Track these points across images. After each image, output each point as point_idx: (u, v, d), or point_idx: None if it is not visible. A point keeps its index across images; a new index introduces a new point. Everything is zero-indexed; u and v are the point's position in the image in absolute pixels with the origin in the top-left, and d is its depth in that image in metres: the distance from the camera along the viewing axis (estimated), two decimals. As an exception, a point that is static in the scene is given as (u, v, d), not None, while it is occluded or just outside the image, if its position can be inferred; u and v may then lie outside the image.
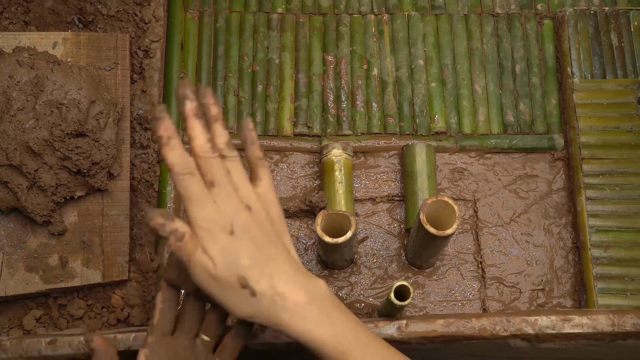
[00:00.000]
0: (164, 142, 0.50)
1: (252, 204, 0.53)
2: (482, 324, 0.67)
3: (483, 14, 0.94)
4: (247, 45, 0.91)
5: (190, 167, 0.50)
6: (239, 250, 0.51)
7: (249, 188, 0.53)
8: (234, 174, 0.53)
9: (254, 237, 0.52)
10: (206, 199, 0.50)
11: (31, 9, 0.89)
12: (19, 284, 0.77)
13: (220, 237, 0.50)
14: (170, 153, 0.50)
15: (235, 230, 0.51)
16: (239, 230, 0.51)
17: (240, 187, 0.53)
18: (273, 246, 0.53)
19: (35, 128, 0.74)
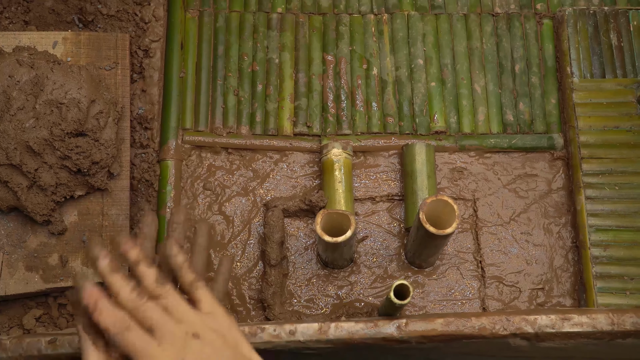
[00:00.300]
0: (91, 309, 0.50)
1: (199, 330, 0.52)
2: (481, 323, 0.67)
3: (482, 13, 0.94)
4: (247, 45, 0.92)
5: (125, 322, 0.50)
6: None
7: (191, 315, 0.53)
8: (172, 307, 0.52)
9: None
10: (150, 346, 0.50)
11: (31, 9, 0.89)
12: (19, 284, 0.77)
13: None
14: (101, 317, 0.50)
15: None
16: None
17: (183, 318, 0.52)
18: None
19: (35, 127, 0.74)
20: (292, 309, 0.82)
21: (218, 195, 0.86)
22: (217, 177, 0.87)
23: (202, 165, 0.87)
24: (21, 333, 0.78)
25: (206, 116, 0.89)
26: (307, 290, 0.83)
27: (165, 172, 0.85)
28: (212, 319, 0.54)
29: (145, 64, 0.88)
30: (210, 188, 0.86)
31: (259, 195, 0.86)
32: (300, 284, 0.83)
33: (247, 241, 0.85)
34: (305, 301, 0.82)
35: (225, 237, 0.85)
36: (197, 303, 0.54)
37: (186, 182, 0.86)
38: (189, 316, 0.53)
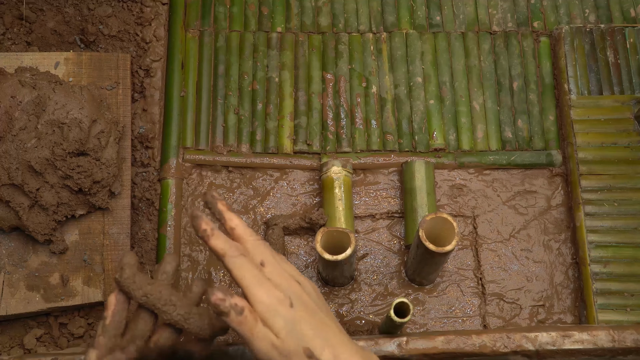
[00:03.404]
0: (208, 234, 0.54)
1: (298, 278, 0.56)
2: (482, 341, 0.67)
3: (480, 31, 0.95)
4: (247, 64, 0.92)
5: (240, 249, 0.54)
6: (301, 322, 0.52)
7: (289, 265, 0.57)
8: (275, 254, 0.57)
9: (309, 307, 0.54)
10: (261, 276, 0.53)
11: (33, 30, 0.90)
12: (20, 303, 0.77)
13: (282, 311, 0.52)
14: (218, 241, 0.54)
15: (294, 303, 0.53)
16: (297, 302, 0.53)
17: (284, 264, 0.56)
18: (325, 315, 0.55)
19: (37, 147, 0.74)
20: (292, 327, 0.82)
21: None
22: (218, 195, 0.87)
23: (202, 184, 0.88)
24: (22, 353, 0.78)
25: (207, 135, 0.89)
26: (307, 308, 0.83)
27: (166, 190, 0.85)
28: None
29: (146, 84, 0.88)
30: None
31: (260, 213, 0.87)
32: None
33: (247, 259, 0.85)
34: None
35: (226, 255, 0.85)
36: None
37: (187, 201, 0.87)
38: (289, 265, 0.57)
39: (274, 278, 0.54)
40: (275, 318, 0.52)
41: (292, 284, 0.54)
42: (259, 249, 0.55)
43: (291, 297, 0.53)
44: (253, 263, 0.54)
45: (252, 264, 0.54)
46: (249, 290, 0.52)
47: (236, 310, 0.51)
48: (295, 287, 0.54)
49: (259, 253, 0.55)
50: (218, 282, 0.84)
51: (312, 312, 0.53)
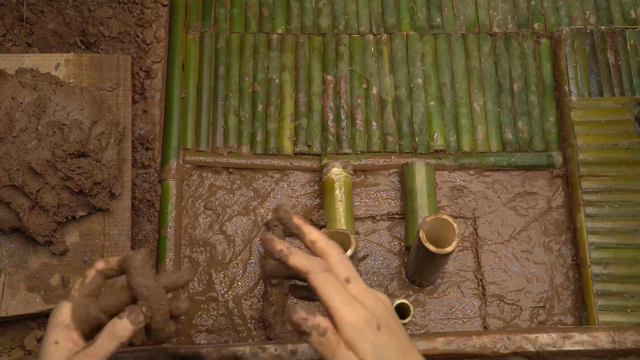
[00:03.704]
0: (286, 253, 0.52)
1: (378, 295, 0.53)
2: (482, 342, 0.67)
3: (481, 33, 0.95)
4: (248, 66, 0.92)
5: (324, 265, 0.51)
6: (387, 347, 0.49)
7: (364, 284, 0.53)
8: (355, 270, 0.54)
9: (393, 331, 0.51)
10: (347, 295, 0.50)
11: (34, 31, 0.90)
12: (20, 304, 0.77)
13: (370, 334, 0.49)
14: (298, 259, 0.51)
15: (381, 325, 0.50)
16: (383, 324, 0.50)
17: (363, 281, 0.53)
18: (404, 337, 0.52)
19: (38, 149, 0.74)
20: (292, 329, 0.82)
21: (219, 214, 0.87)
22: (218, 196, 0.87)
23: (203, 185, 0.88)
24: (22, 354, 0.78)
25: (207, 136, 0.90)
26: (308, 310, 0.83)
27: (167, 192, 0.85)
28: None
29: (146, 85, 0.88)
30: (212, 207, 0.87)
31: (260, 215, 0.87)
32: (302, 303, 0.83)
33: (248, 260, 0.85)
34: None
35: (227, 256, 0.85)
36: None
37: (187, 202, 0.87)
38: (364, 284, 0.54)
39: (360, 297, 0.50)
40: (363, 342, 0.48)
41: (377, 303, 0.51)
42: (343, 264, 0.52)
43: (378, 319, 0.50)
44: (338, 280, 0.50)
45: (337, 280, 0.50)
46: (335, 311, 0.49)
47: (319, 331, 0.48)
48: (380, 307, 0.51)
49: (344, 269, 0.51)
50: (218, 283, 0.84)
51: (397, 337, 0.50)
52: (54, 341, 0.53)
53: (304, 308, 0.48)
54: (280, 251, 0.52)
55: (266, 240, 0.53)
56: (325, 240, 0.53)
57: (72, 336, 0.54)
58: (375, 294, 0.52)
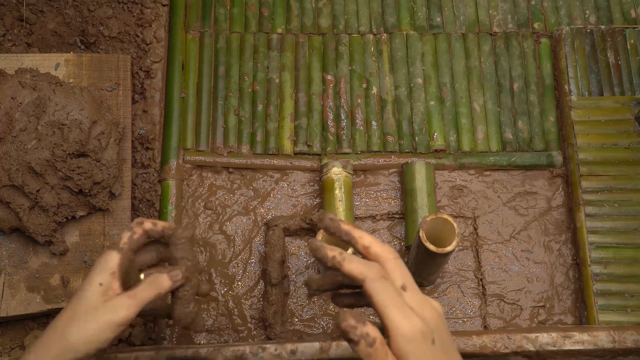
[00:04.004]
0: (339, 260, 0.50)
1: (435, 305, 0.51)
2: (483, 341, 0.67)
3: (481, 33, 0.95)
4: (248, 65, 0.92)
5: (380, 271, 0.49)
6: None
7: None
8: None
9: (445, 345, 0.49)
10: (404, 304, 0.48)
11: (34, 31, 0.90)
12: (20, 304, 0.77)
13: (424, 349, 0.47)
14: (353, 264, 0.49)
15: (436, 340, 0.48)
16: (438, 338, 0.48)
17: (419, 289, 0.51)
18: (455, 353, 0.50)
19: (37, 148, 0.74)
20: (293, 328, 0.82)
21: (219, 214, 0.87)
22: (218, 196, 0.87)
23: (203, 185, 0.88)
24: (23, 354, 0.78)
25: (207, 136, 0.89)
26: (308, 309, 0.83)
27: (167, 191, 0.85)
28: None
29: (146, 85, 0.88)
30: (211, 207, 0.87)
31: (260, 215, 0.87)
32: (302, 303, 0.83)
33: (248, 260, 0.85)
34: (306, 320, 0.82)
35: (227, 256, 0.85)
36: None
37: (187, 202, 0.87)
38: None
39: (416, 306, 0.48)
40: (415, 356, 0.47)
41: (433, 314, 0.49)
42: (400, 270, 0.50)
43: (433, 332, 0.48)
44: (395, 287, 0.48)
45: (394, 288, 0.48)
46: (391, 322, 0.47)
47: (367, 341, 0.46)
48: (435, 317, 0.49)
49: (400, 275, 0.50)
50: (218, 283, 0.84)
51: (449, 353, 0.49)
52: (99, 282, 0.57)
53: (353, 315, 0.47)
54: (334, 258, 0.50)
55: (317, 249, 0.51)
56: (380, 245, 0.51)
57: (115, 284, 0.57)
58: (430, 303, 0.50)
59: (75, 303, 0.57)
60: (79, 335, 0.55)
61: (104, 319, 0.55)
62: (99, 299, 0.56)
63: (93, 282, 0.57)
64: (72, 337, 0.55)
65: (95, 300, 0.56)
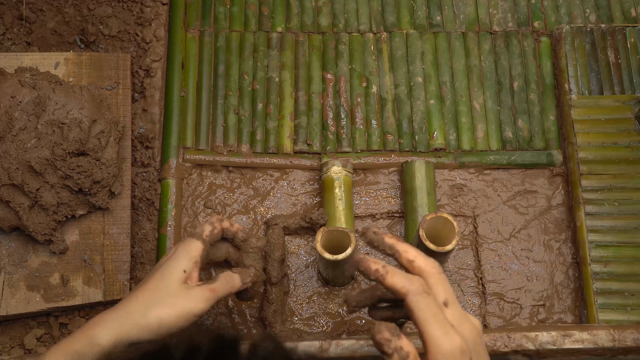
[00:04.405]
0: (382, 273, 0.50)
1: (475, 322, 0.50)
2: (482, 340, 0.67)
3: (481, 31, 0.95)
4: (247, 64, 0.92)
5: (424, 286, 0.49)
6: None
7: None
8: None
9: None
10: (445, 321, 0.48)
11: (33, 30, 0.90)
12: (20, 303, 0.77)
13: None
14: (396, 278, 0.49)
15: (473, 358, 0.48)
16: (475, 356, 0.48)
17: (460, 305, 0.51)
18: None
19: (37, 147, 0.74)
20: (293, 327, 0.82)
21: (219, 213, 0.87)
22: (218, 195, 0.87)
23: (203, 184, 0.88)
24: (22, 353, 0.78)
25: (207, 135, 0.89)
26: (308, 308, 0.83)
27: (166, 190, 0.85)
28: None
29: (146, 84, 0.88)
30: (211, 206, 0.87)
31: (260, 213, 0.87)
32: (301, 301, 0.83)
33: (248, 259, 0.85)
34: (306, 319, 0.82)
35: (226, 255, 0.85)
36: None
37: (187, 201, 0.87)
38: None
39: (457, 323, 0.48)
40: None
41: (472, 331, 0.49)
42: (443, 285, 0.50)
43: (471, 350, 0.48)
44: (437, 303, 0.48)
45: (436, 304, 0.48)
46: (431, 338, 0.47)
47: (400, 355, 0.46)
48: (475, 335, 0.49)
49: (443, 291, 0.49)
50: (218, 282, 0.84)
51: None
52: (183, 269, 0.59)
53: (388, 328, 0.47)
54: (377, 271, 0.50)
55: (360, 261, 0.51)
56: (424, 259, 0.51)
57: (195, 273, 0.60)
58: (470, 320, 0.50)
59: (155, 283, 0.58)
60: (158, 318, 0.56)
61: (184, 308, 0.57)
62: (180, 286, 0.58)
63: (177, 267, 0.59)
64: (151, 317, 0.56)
65: (176, 286, 0.58)
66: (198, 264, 0.61)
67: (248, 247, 0.68)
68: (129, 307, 0.57)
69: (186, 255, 0.60)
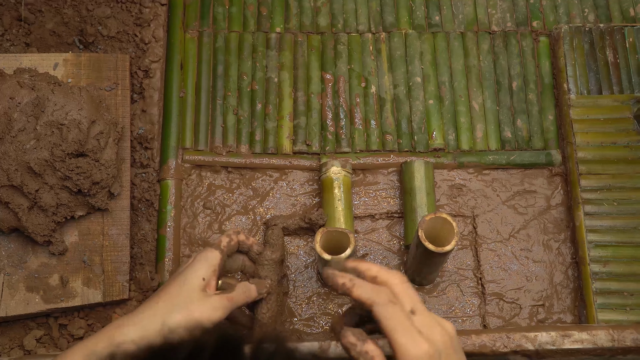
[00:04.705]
0: (349, 286, 0.51)
1: (447, 326, 0.51)
2: (482, 340, 0.67)
3: (479, 31, 0.95)
4: (246, 65, 0.92)
5: (389, 295, 0.50)
6: None
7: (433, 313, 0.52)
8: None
9: None
10: (412, 328, 0.49)
11: (32, 31, 0.90)
12: (19, 304, 0.77)
13: None
14: (361, 290, 0.50)
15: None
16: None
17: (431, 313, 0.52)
18: None
19: (36, 148, 0.74)
20: (292, 328, 0.82)
21: (218, 214, 0.87)
22: (217, 196, 0.87)
23: (202, 185, 0.88)
24: (22, 354, 0.78)
25: (206, 135, 0.89)
26: (307, 309, 0.83)
27: (166, 191, 0.85)
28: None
29: (145, 84, 0.88)
30: (211, 207, 0.87)
31: (259, 214, 0.87)
32: (301, 302, 0.83)
33: (247, 260, 0.85)
34: (305, 319, 0.82)
35: (226, 255, 0.85)
36: None
37: (186, 201, 0.87)
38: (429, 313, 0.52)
39: (425, 329, 0.49)
40: None
41: (443, 336, 0.50)
42: (408, 294, 0.51)
43: (441, 355, 0.49)
44: (404, 311, 0.50)
45: (402, 312, 0.49)
46: (398, 345, 0.48)
47: (366, 359, 0.48)
48: (445, 339, 0.50)
49: (409, 299, 0.51)
50: (218, 282, 0.84)
51: None
52: (202, 277, 0.61)
53: (354, 332, 0.48)
54: (343, 285, 0.52)
55: (327, 277, 0.53)
56: (386, 272, 0.52)
57: (213, 281, 0.62)
58: (441, 324, 0.51)
59: (176, 289, 0.60)
60: (179, 323, 0.58)
61: (203, 315, 0.58)
62: (199, 293, 0.60)
63: (197, 274, 0.61)
64: (172, 322, 0.57)
65: (195, 293, 0.60)
66: (216, 273, 0.63)
67: (263, 259, 0.71)
68: (151, 311, 0.59)
69: (205, 263, 0.62)
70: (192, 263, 0.63)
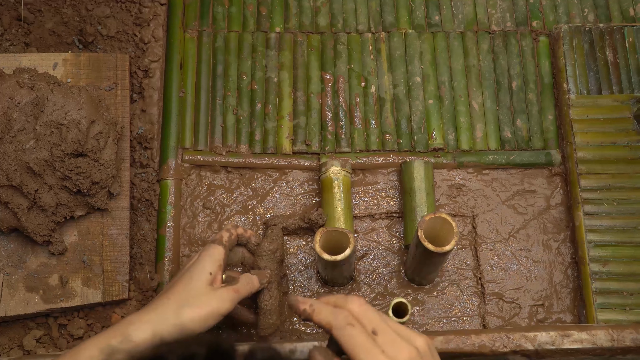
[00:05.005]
0: (309, 312, 0.53)
1: (410, 337, 0.52)
2: (481, 340, 0.67)
3: (479, 31, 0.95)
4: (246, 64, 0.92)
5: (348, 319, 0.51)
6: None
7: (398, 325, 0.53)
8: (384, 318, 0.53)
9: None
10: (375, 348, 0.49)
11: (32, 31, 0.90)
12: (19, 304, 0.77)
13: None
14: (322, 315, 0.52)
15: None
16: None
17: (400, 330, 0.52)
18: None
19: (36, 148, 0.74)
20: (291, 328, 0.82)
21: (218, 214, 0.87)
22: (217, 195, 0.87)
23: (201, 184, 0.88)
24: (21, 354, 0.78)
25: (205, 135, 0.89)
26: (307, 309, 0.83)
27: (165, 191, 0.85)
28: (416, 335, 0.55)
29: (144, 84, 0.88)
30: (210, 207, 0.87)
31: (259, 214, 0.87)
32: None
33: (246, 260, 0.85)
34: (305, 319, 0.82)
35: (225, 255, 0.85)
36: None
37: (186, 201, 0.87)
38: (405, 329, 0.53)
39: (388, 348, 0.50)
40: None
41: (410, 352, 0.50)
42: (367, 315, 0.51)
43: None
44: (364, 333, 0.50)
45: (363, 334, 0.50)
46: None
47: None
48: (413, 355, 0.50)
49: (368, 320, 0.51)
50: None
51: None
52: (209, 271, 0.64)
53: (320, 352, 0.50)
54: (304, 311, 0.53)
55: (291, 305, 0.55)
56: (343, 297, 0.54)
57: (219, 275, 0.65)
58: (409, 339, 0.51)
59: (185, 284, 0.63)
60: (191, 318, 0.60)
61: (212, 308, 0.61)
62: (207, 288, 0.63)
63: (203, 270, 0.64)
64: (184, 317, 0.60)
65: (203, 288, 0.62)
66: (221, 267, 0.66)
67: (261, 250, 0.73)
68: (162, 307, 0.61)
69: (210, 259, 0.65)
70: (198, 260, 0.66)
